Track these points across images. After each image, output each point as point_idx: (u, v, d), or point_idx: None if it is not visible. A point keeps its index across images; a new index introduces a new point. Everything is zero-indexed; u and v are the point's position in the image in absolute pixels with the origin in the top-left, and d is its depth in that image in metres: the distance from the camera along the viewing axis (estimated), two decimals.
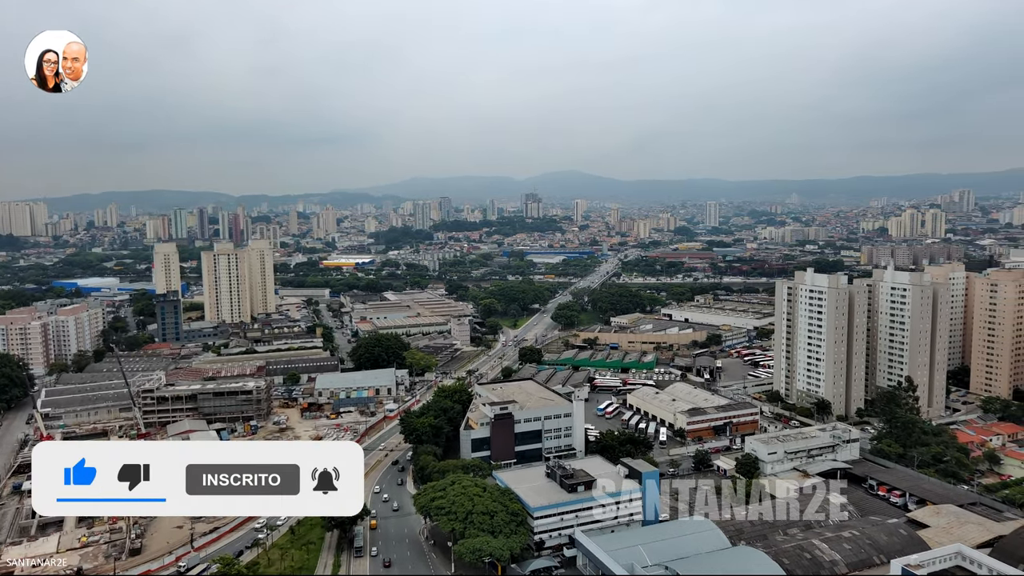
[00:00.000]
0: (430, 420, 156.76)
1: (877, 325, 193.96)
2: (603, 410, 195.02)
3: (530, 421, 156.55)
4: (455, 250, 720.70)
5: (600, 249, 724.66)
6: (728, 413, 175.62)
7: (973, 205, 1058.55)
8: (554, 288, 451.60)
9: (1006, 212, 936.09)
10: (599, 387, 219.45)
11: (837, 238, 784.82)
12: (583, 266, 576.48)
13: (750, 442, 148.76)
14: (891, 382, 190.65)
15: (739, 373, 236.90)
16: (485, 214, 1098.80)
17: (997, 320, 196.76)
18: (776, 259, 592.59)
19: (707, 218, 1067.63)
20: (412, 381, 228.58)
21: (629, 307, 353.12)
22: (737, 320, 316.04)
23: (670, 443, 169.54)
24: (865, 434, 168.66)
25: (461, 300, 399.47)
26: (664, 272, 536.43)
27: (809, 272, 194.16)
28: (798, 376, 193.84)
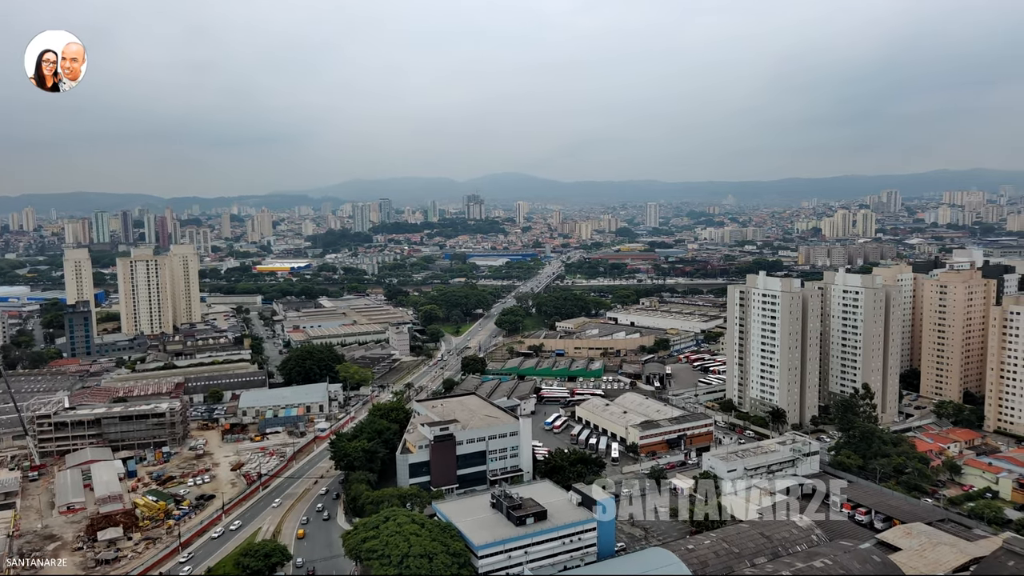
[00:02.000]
0: (363, 444, 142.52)
1: (829, 329, 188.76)
2: (551, 424, 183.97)
3: (473, 442, 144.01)
4: (395, 253, 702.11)
5: (543, 251, 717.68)
6: (682, 425, 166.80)
7: (900, 205, 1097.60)
8: (498, 292, 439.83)
9: (930, 212, 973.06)
10: (546, 398, 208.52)
11: (774, 238, 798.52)
12: (527, 268, 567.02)
13: (708, 459, 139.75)
14: (844, 388, 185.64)
15: (689, 380, 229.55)
16: (426, 216, 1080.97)
17: (947, 322, 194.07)
18: (717, 260, 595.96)
19: (647, 219, 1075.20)
20: (347, 396, 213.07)
21: (574, 311, 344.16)
22: (684, 323, 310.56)
23: (623, 460, 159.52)
24: (822, 443, 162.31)
25: (401, 306, 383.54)
26: (607, 274, 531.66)
27: (761, 275, 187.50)
28: (751, 384, 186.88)
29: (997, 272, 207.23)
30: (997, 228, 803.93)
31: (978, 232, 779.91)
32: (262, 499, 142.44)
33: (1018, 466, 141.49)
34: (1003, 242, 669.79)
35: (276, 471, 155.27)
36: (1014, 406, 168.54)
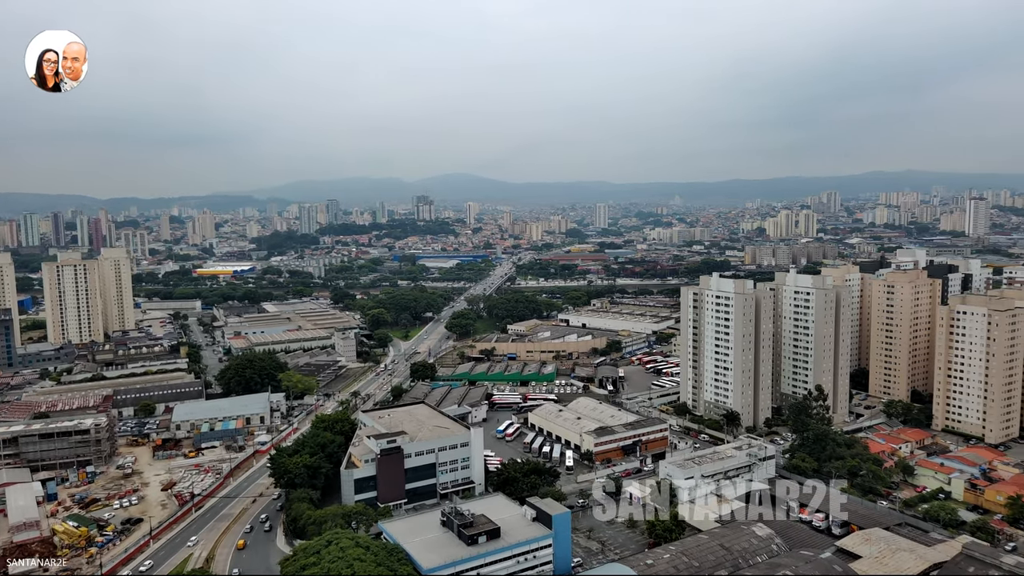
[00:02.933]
0: (305, 459, 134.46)
1: (781, 330, 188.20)
2: (503, 432, 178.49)
3: (422, 454, 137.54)
4: (343, 255, 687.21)
5: (494, 252, 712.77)
6: (637, 431, 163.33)
7: (839, 206, 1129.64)
8: (448, 294, 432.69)
9: (868, 212, 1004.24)
10: (498, 405, 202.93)
11: (721, 238, 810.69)
12: (477, 270, 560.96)
13: (664, 467, 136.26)
14: (796, 389, 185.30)
15: (643, 383, 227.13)
16: (375, 217, 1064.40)
17: (894, 322, 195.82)
18: (667, 260, 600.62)
19: (596, 220, 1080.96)
20: (290, 406, 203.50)
21: (526, 313, 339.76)
22: (635, 325, 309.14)
23: (578, 468, 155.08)
24: (776, 446, 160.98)
25: (348, 310, 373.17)
26: (559, 275, 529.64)
27: (714, 277, 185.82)
28: (705, 387, 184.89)
29: (941, 272, 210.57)
30: (931, 228, 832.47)
31: (914, 232, 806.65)
32: (195, 521, 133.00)
33: (969, 466, 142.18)
34: (937, 241, 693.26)
35: (211, 490, 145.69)
36: (961, 405, 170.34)
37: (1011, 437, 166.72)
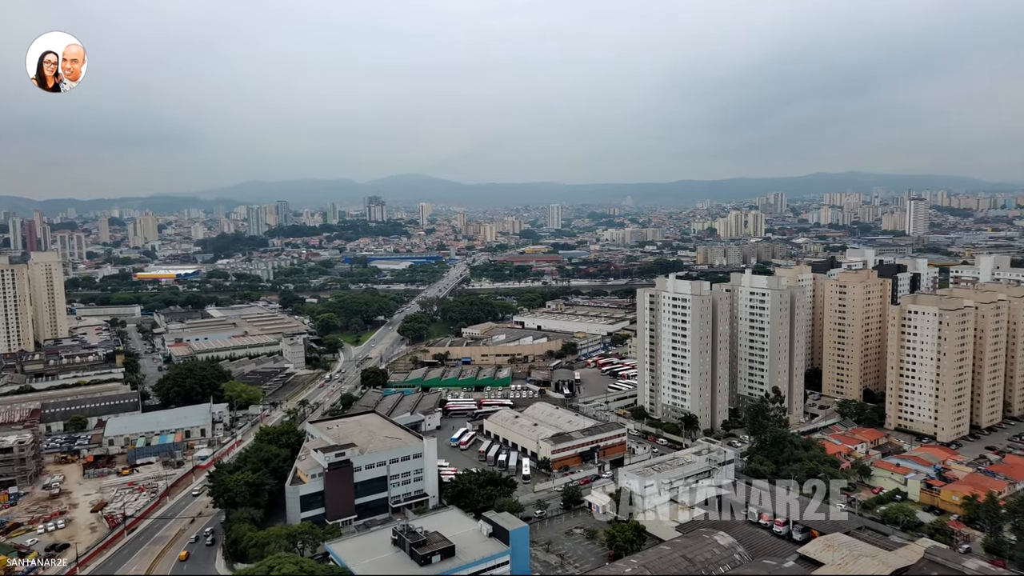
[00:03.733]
0: (247, 476, 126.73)
1: (737, 332, 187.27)
2: (458, 440, 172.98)
3: (373, 467, 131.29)
4: (292, 257, 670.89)
5: (448, 253, 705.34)
6: (595, 437, 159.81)
7: (785, 206, 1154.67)
8: (400, 297, 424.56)
9: (813, 212, 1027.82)
10: (453, 411, 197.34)
11: (672, 238, 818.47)
12: (431, 272, 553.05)
13: (624, 474, 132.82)
14: (753, 390, 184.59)
15: (599, 386, 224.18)
16: (326, 218, 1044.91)
17: (847, 322, 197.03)
18: (620, 260, 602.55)
19: (550, 220, 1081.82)
20: (233, 417, 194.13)
21: (481, 316, 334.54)
22: (591, 326, 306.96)
23: (535, 476, 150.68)
24: (734, 449, 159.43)
25: (297, 314, 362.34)
26: (513, 276, 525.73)
27: (671, 278, 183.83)
28: (663, 390, 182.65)
29: (891, 271, 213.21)
30: (873, 227, 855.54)
31: (857, 231, 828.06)
32: (127, 545, 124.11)
33: (924, 466, 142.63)
34: (880, 240, 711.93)
35: (145, 510, 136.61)
36: (913, 404, 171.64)
37: (962, 435, 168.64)
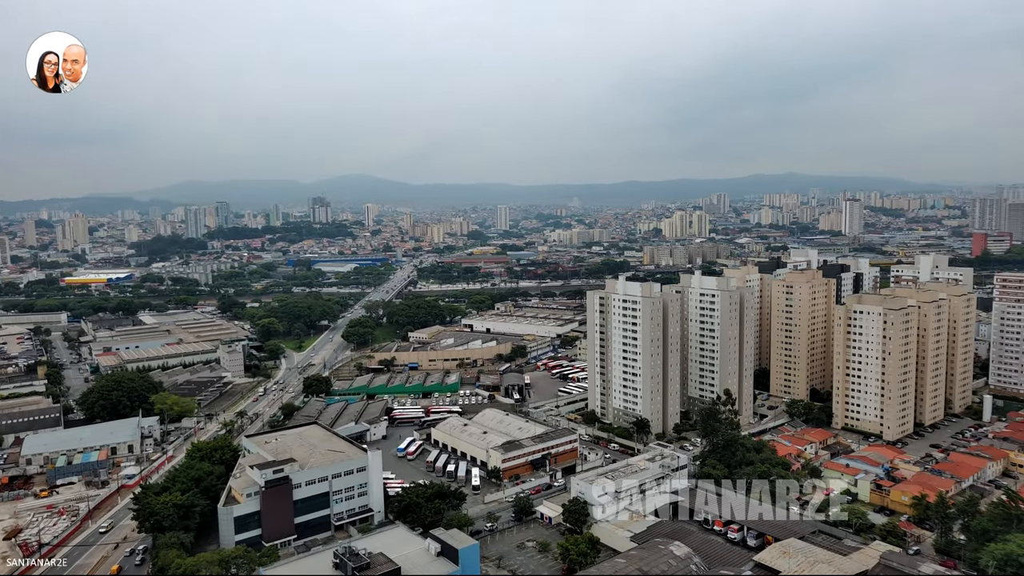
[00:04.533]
0: (175, 497, 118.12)
1: (687, 333, 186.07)
2: (404, 450, 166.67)
3: (313, 483, 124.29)
4: (233, 260, 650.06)
5: (394, 255, 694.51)
6: (546, 444, 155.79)
7: (728, 207, 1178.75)
8: (345, 301, 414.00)
9: (754, 213, 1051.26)
10: (399, 420, 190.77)
11: (619, 239, 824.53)
12: (377, 274, 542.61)
13: (576, 483, 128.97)
14: (704, 392, 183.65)
15: (549, 389, 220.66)
16: (268, 220, 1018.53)
17: (793, 322, 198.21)
18: (568, 261, 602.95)
19: (498, 222, 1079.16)
20: (164, 431, 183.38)
21: (428, 319, 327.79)
22: (540, 328, 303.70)
23: (485, 487, 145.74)
24: (686, 452, 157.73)
25: (237, 319, 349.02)
26: (461, 278, 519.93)
27: (621, 280, 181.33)
28: (614, 393, 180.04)
29: (835, 271, 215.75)
30: (811, 227, 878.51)
31: (796, 231, 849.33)
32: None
33: (873, 466, 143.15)
34: (818, 240, 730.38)
35: (65, 536, 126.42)
36: (860, 403, 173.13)
37: (906, 433, 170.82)
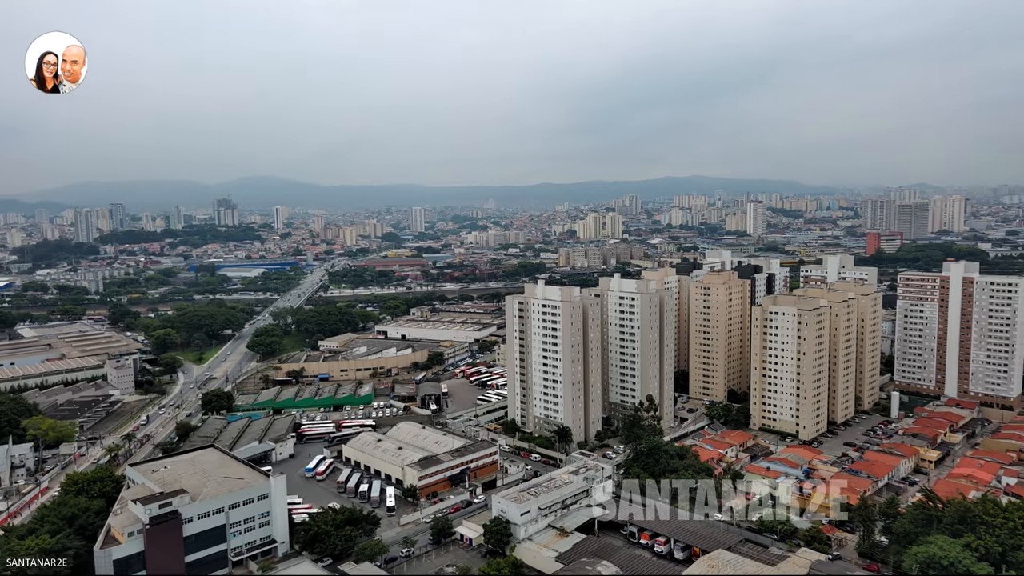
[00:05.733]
0: (43, 541, 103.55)
1: (607, 338, 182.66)
2: (313, 470, 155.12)
3: (208, 516, 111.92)
4: (128, 266, 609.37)
5: (305, 259, 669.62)
6: (465, 458, 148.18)
7: (640, 209, 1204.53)
8: (252, 308, 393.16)
9: (665, 214, 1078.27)
10: (308, 436, 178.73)
11: (535, 241, 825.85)
12: (286, 279, 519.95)
13: (498, 501, 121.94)
14: (625, 398, 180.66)
15: (468, 398, 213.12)
16: (169, 223, 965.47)
17: (711, 323, 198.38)
18: (485, 264, 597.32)
19: (413, 223, 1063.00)
20: (39, 459, 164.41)
21: (340, 326, 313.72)
22: (457, 333, 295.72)
23: (401, 507, 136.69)
24: (609, 460, 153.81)
25: (130, 330, 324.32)
26: (375, 282, 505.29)
27: (540, 284, 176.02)
28: (534, 401, 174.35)
29: (749, 272, 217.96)
30: (719, 228, 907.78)
31: (705, 231, 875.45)
32: None
33: (792, 467, 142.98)
34: (726, 240, 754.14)
35: None
36: (776, 403, 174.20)
37: (821, 432, 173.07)
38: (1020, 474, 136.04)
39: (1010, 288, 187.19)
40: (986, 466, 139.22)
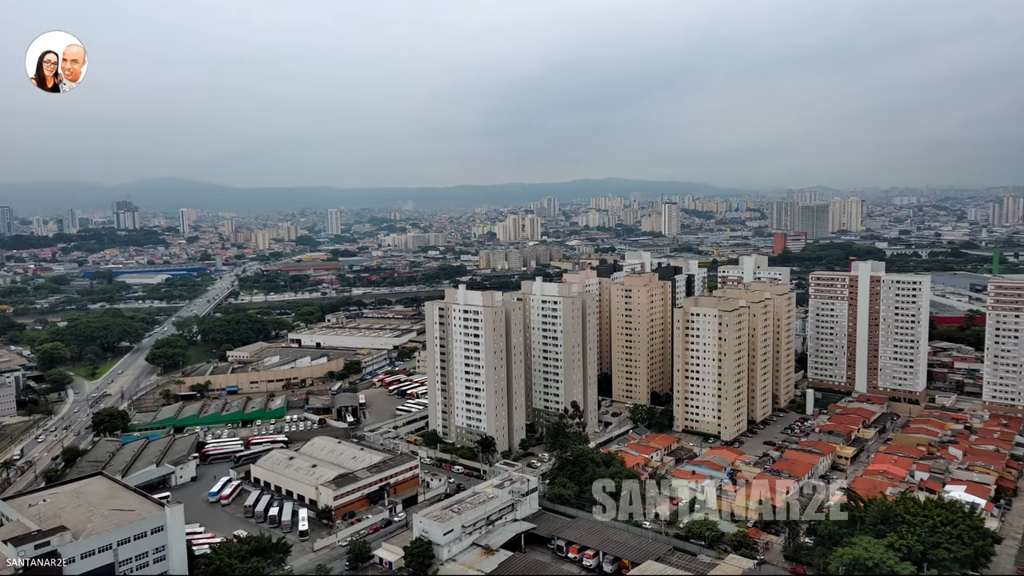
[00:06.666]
0: None
1: (530, 343, 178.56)
2: (217, 493, 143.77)
3: (93, 554, 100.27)
4: (16, 273, 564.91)
5: (214, 264, 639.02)
6: (384, 474, 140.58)
7: (558, 210, 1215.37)
8: (153, 317, 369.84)
9: (583, 216, 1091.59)
10: (213, 456, 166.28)
11: (455, 243, 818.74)
12: (192, 286, 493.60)
13: (419, 521, 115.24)
14: (548, 404, 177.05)
15: (387, 408, 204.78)
16: (62, 227, 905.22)
17: (633, 325, 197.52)
18: (404, 267, 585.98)
19: (329, 226, 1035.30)
20: None
21: (250, 335, 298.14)
22: (376, 340, 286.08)
23: (315, 530, 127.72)
24: (534, 469, 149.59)
25: (13, 344, 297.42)
26: (289, 287, 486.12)
27: (461, 289, 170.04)
28: (456, 411, 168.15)
29: (669, 274, 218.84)
30: (635, 229, 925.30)
31: (621, 233, 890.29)
32: None
33: (716, 470, 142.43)
34: (642, 241, 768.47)
35: None
36: (698, 405, 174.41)
37: (741, 432, 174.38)
38: (932, 468, 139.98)
39: (914, 286, 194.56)
40: (900, 461, 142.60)
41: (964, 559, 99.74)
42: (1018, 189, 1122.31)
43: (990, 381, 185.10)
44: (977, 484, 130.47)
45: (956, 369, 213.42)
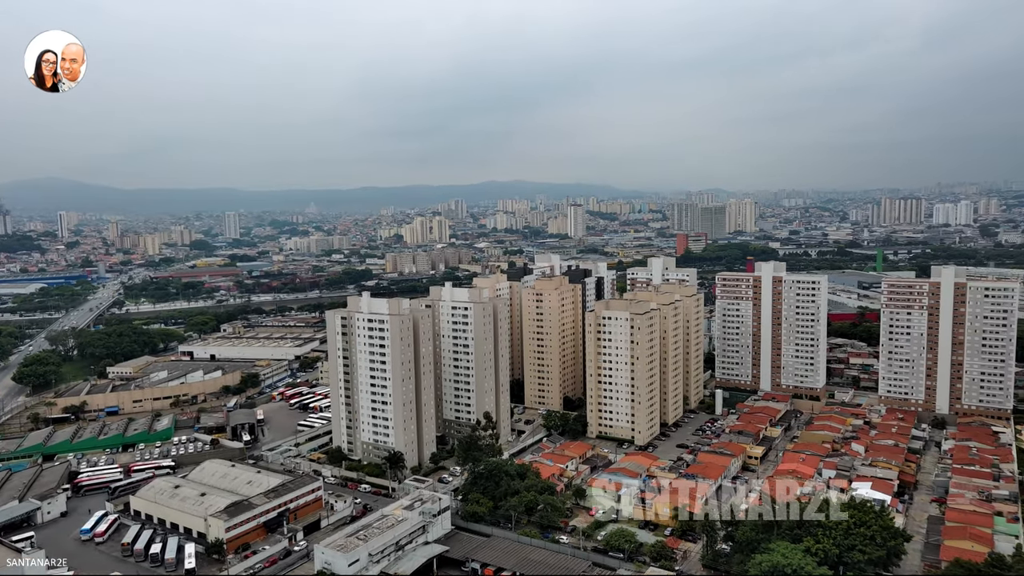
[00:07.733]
0: None
1: (440, 351, 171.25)
2: (91, 531, 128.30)
3: None
4: None
5: (96, 271, 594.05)
6: (283, 499, 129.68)
7: (466, 212, 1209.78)
8: (24, 331, 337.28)
9: (491, 218, 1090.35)
10: (87, 487, 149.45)
11: (360, 246, 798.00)
12: (71, 295, 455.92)
13: (321, 552, 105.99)
14: (460, 414, 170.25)
15: (288, 424, 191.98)
16: None
17: (544, 330, 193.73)
18: (306, 271, 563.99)
19: (227, 230, 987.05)
20: None
21: (135, 349, 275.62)
22: (275, 351, 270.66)
23: (203, 567, 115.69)
24: (445, 484, 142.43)
25: None
26: (181, 295, 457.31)
27: (365, 297, 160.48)
28: (362, 426, 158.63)
29: (579, 276, 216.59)
30: (542, 231, 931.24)
31: (529, 235, 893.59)
32: None
33: (632, 477, 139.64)
34: (549, 243, 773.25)
35: None
36: (612, 410, 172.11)
37: (655, 436, 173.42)
38: (838, 465, 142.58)
39: (814, 285, 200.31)
40: (807, 460, 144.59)
41: (878, 560, 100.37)
42: (893, 191, 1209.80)
43: (885, 376, 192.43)
44: (881, 480, 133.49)
45: (852, 365, 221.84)
